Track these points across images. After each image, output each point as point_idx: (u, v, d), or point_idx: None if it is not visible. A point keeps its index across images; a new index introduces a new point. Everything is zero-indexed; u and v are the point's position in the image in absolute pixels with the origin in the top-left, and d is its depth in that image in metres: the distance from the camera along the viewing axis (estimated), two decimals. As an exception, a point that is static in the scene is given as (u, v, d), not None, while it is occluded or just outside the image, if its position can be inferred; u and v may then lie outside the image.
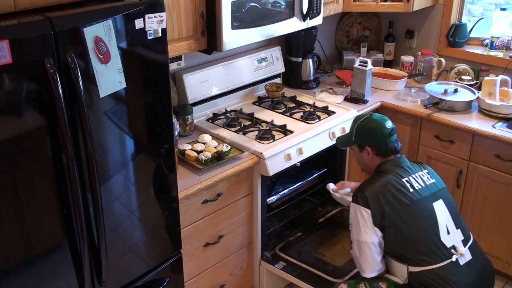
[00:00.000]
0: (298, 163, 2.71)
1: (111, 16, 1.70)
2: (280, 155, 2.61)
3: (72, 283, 1.87)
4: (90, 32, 1.65)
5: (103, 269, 1.91)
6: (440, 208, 2.22)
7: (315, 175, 3.07)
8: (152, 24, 1.83)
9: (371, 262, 2.20)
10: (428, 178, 2.29)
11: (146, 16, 1.80)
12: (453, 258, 2.15)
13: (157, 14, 1.83)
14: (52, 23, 1.56)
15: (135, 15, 1.77)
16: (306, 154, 2.73)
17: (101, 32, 1.67)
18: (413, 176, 2.26)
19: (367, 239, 2.17)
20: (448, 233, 2.19)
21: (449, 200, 2.29)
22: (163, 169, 2.08)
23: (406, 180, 2.23)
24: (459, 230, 2.23)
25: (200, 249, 2.52)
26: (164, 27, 1.87)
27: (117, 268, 2.00)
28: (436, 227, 2.17)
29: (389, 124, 2.31)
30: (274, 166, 2.58)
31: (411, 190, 2.21)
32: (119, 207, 1.95)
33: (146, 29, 1.82)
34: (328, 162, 3.11)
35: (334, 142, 2.86)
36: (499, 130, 2.83)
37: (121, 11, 1.73)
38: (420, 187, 2.23)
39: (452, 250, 2.17)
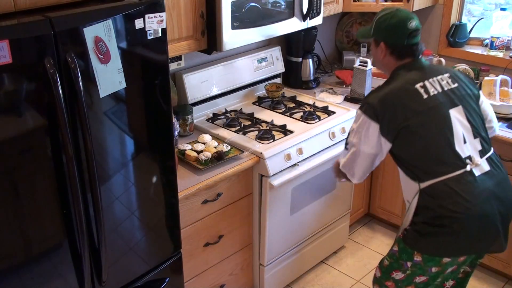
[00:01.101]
0: (298, 163, 2.71)
1: (111, 16, 1.70)
2: (280, 155, 2.61)
3: (72, 283, 1.87)
4: (90, 32, 1.65)
5: (103, 269, 1.91)
6: (457, 115, 2.06)
7: (315, 175, 3.07)
8: (152, 24, 1.83)
9: (363, 171, 2.16)
10: (448, 82, 2.11)
11: (146, 16, 1.80)
12: (467, 168, 2.02)
13: (157, 14, 1.83)
14: (52, 23, 1.56)
15: (135, 15, 1.77)
16: (306, 154, 2.73)
17: (101, 32, 1.67)
18: (430, 80, 2.08)
19: (366, 149, 2.09)
20: (465, 142, 2.04)
21: (472, 109, 2.11)
22: (163, 169, 2.08)
23: (420, 86, 2.05)
24: (477, 139, 2.08)
25: (200, 249, 2.52)
26: (164, 27, 1.87)
27: (117, 268, 2.00)
28: (451, 135, 2.03)
29: (413, 24, 2.11)
30: (274, 166, 2.58)
31: (425, 96, 2.04)
32: (119, 207, 1.95)
33: (146, 29, 1.82)
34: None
35: (334, 142, 2.87)
36: (499, 130, 2.82)
37: (121, 11, 1.73)
38: (436, 92, 2.06)
39: (467, 160, 2.03)
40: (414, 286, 2.17)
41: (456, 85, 2.12)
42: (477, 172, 2.04)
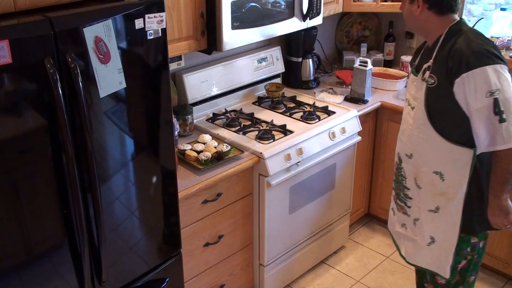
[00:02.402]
0: (298, 163, 2.71)
1: (111, 16, 1.70)
2: (280, 155, 2.61)
3: (72, 283, 1.87)
4: (90, 32, 1.65)
5: (103, 269, 1.91)
6: None
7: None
8: (152, 24, 1.83)
9: None
10: None
11: (146, 16, 1.80)
12: None
13: (157, 14, 1.83)
14: (52, 23, 1.56)
15: (135, 15, 1.77)
16: (306, 154, 2.73)
17: (101, 32, 1.67)
18: None
19: None
20: None
21: None
22: (163, 169, 2.08)
23: None
24: None
25: (200, 249, 2.52)
26: (164, 27, 1.87)
27: (117, 268, 2.00)
28: None
29: None
30: (274, 166, 2.58)
31: None
32: (119, 207, 1.96)
33: (146, 29, 1.82)
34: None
35: (334, 142, 2.87)
36: (499, 130, 2.83)
37: (121, 11, 1.73)
38: None
39: None
40: (474, 270, 2.20)
41: None
42: None
